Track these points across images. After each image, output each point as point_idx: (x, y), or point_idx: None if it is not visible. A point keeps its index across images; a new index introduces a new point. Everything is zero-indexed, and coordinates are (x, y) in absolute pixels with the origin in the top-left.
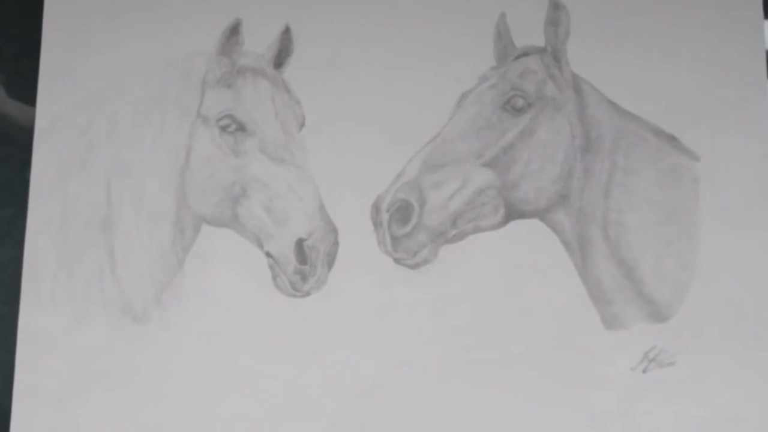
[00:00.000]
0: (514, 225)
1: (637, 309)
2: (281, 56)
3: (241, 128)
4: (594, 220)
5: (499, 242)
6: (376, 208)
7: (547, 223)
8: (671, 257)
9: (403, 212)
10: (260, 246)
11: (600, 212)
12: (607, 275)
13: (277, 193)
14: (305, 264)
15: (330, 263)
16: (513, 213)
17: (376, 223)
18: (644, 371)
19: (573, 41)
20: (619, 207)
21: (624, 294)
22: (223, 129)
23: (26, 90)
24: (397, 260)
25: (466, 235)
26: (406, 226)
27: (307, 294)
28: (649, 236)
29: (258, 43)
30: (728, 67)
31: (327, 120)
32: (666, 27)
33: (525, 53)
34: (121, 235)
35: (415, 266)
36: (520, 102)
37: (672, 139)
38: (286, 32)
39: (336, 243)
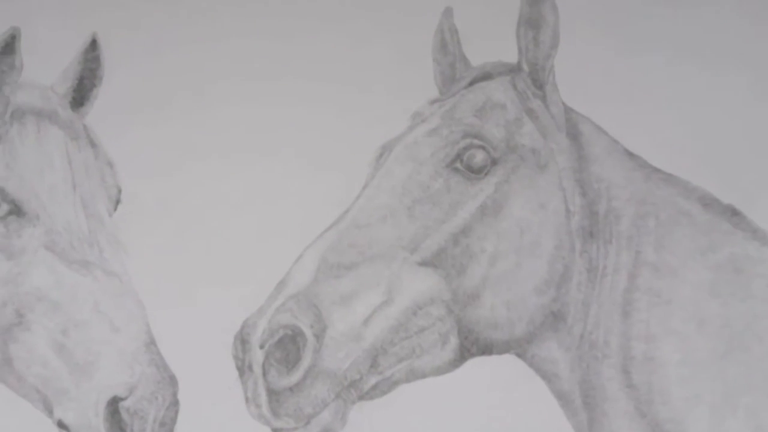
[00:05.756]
0: (475, 366)
1: None
2: (84, 88)
3: (17, 211)
4: (608, 356)
5: (450, 396)
6: (242, 341)
7: (530, 361)
8: (741, 415)
9: (288, 348)
10: (48, 411)
11: (617, 342)
12: None
13: (75, 319)
14: None
15: None
16: (472, 345)
17: (243, 368)
18: None
19: (565, 53)
20: (649, 332)
21: None
22: None
23: None
24: (277, 431)
25: (396, 385)
26: (294, 373)
27: None
28: (702, 380)
29: (46, 66)
30: None
31: (159, 191)
32: (717, 25)
33: (486, 75)
34: None
35: None
36: (478, 157)
37: (733, 214)
38: (92, 48)
39: (175, 403)
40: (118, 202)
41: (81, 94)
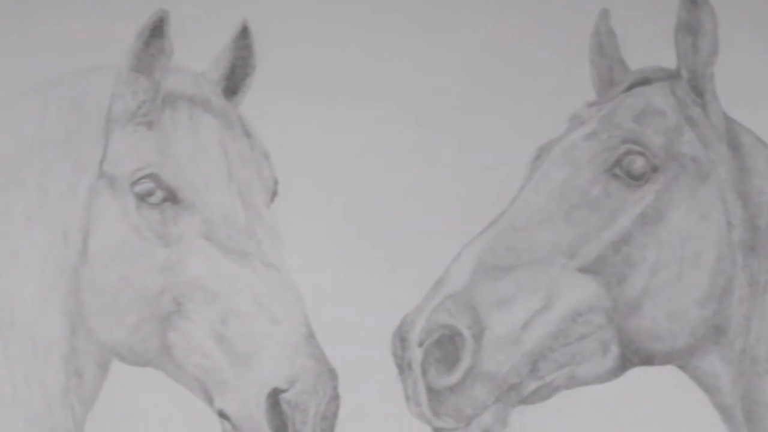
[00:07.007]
0: (637, 375)
1: None
2: (236, 77)
3: (172, 198)
4: None
5: (611, 404)
6: (400, 338)
7: (692, 374)
8: None
9: (446, 347)
10: (209, 400)
11: None
12: None
13: (234, 310)
14: None
15: None
16: (633, 355)
17: (403, 366)
18: None
19: (725, 61)
20: None
21: None
22: (143, 198)
23: None
24: (438, 431)
25: (556, 391)
26: (453, 373)
27: None
28: None
29: (197, 52)
30: None
31: (317, 185)
32: None
33: (645, 80)
34: None
35: None
36: (638, 163)
37: None
38: (244, 36)
39: (335, 397)
40: (274, 194)
41: (233, 82)
